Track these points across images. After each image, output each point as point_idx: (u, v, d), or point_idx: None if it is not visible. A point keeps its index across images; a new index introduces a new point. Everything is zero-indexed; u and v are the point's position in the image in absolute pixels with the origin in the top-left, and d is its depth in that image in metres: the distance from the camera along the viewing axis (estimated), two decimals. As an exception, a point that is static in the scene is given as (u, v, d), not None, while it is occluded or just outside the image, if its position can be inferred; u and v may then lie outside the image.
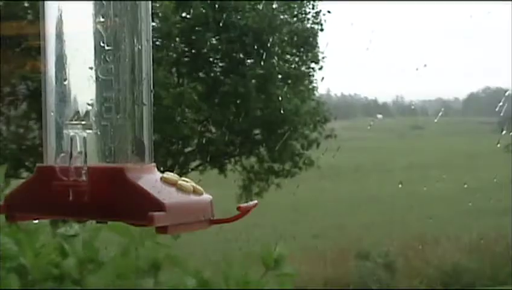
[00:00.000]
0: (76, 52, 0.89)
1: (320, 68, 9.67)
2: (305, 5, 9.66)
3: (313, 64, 9.69)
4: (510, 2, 7.69)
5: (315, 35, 9.60)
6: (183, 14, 9.05)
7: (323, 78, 9.75)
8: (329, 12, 9.56)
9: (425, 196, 9.54)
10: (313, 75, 9.69)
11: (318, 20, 9.59)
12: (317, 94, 9.96)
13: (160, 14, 8.45)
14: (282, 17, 9.37)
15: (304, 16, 9.65)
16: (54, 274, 2.08)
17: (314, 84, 9.77)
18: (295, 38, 9.38)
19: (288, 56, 9.51)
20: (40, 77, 0.91)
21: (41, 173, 0.90)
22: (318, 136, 9.56)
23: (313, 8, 9.64)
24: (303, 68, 9.68)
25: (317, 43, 9.62)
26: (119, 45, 0.89)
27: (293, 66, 9.51)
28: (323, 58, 9.64)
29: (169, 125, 8.31)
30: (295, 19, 9.64)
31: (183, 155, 9.42)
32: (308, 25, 9.61)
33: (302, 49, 9.53)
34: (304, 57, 9.62)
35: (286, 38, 9.26)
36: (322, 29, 9.57)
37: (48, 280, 2.09)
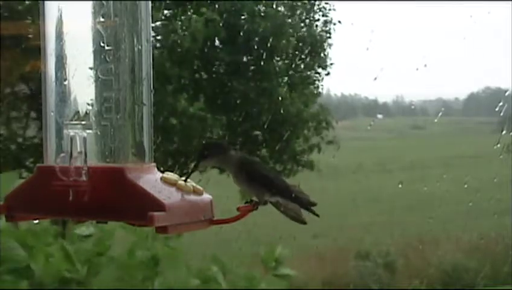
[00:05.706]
0: (76, 52, 0.89)
1: (328, 74, 9.63)
2: (313, 10, 9.60)
3: (319, 70, 9.63)
4: (510, 2, 7.68)
5: (323, 42, 9.53)
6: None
7: (323, 78, 9.71)
8: (340, 22, 9.53)
9: (425, 195, 9.52)
10: (319, 80, 9.65)
11: (327, 28, 9.55)
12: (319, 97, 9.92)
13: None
14: (289, 20, 9.32)
15: (312, 21, 9.59)
16: (61, 277, 2.08)
17: (320, 90, 9.75)
18: (301, 44, 9.33)
19: (291, 59, 9.45)
20: (40, 77, 0.90)
21: (41, 173, 0.90)
22: (320, 141, 9.50)
23: (323, 15, 9.60)
24: (308, 72, 9.63)
25: (324, 49, 9.56)
26: (119, 45, 0.89)
27: (296, 68, 9.46)
28: (331, 64, 9.61)
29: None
30: (302, 24, 9.59)
31: (183, 155, 9.39)
32: (318, 30, 9.55)
33: (308, 54, 9.46)
34: (311, 62, 9.56)
35: (291, 40, 9.22)
36: (329, 37, 9.52)
37: (55, 282, 2.09)
